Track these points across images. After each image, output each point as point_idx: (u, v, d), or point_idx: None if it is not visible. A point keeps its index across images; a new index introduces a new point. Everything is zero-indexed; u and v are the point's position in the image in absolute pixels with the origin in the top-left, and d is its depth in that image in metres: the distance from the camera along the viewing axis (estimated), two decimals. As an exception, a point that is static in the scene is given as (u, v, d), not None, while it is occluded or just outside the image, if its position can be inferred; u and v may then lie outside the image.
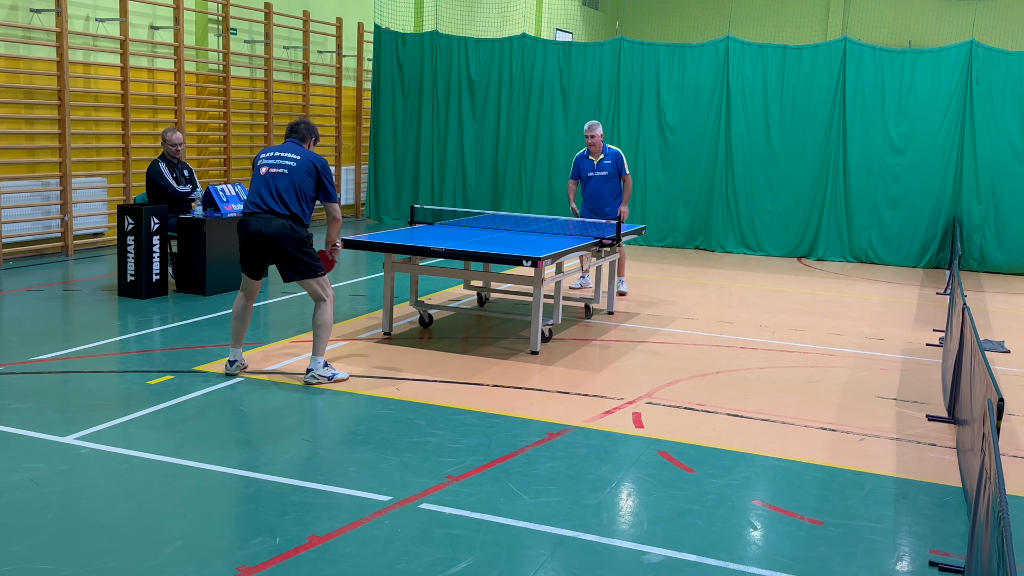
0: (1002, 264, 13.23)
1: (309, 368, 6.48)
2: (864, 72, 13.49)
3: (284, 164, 6.36)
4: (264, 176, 6.36)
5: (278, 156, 6.41)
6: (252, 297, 6.62)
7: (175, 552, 3.99)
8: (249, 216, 6.37)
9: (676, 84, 14.30)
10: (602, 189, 9.87)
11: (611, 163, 9.79)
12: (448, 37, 15.48)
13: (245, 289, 6.59)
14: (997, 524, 2.88)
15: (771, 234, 14.11)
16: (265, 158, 6.45)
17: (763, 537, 4.42)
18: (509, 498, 4.68)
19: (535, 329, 7.56)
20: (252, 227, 6.33)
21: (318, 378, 6.44)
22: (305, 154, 6.44)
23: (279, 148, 6.49)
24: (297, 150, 6.46)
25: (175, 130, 9.63)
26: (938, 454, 5.62)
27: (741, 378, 7.13)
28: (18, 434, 5.27)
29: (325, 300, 6.51)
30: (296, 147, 6.49)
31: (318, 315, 6.49)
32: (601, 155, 9.78)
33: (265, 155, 6.48)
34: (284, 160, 6.38)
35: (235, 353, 6.59)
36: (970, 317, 5.85)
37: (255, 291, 6.63)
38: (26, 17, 10.70)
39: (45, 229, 11.21)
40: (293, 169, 6.34)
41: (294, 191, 6.32)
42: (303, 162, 6.37)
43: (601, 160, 9.79)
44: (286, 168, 6.35)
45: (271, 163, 6.38)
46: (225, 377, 6.52)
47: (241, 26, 14.04)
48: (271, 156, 6.43)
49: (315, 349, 6.48)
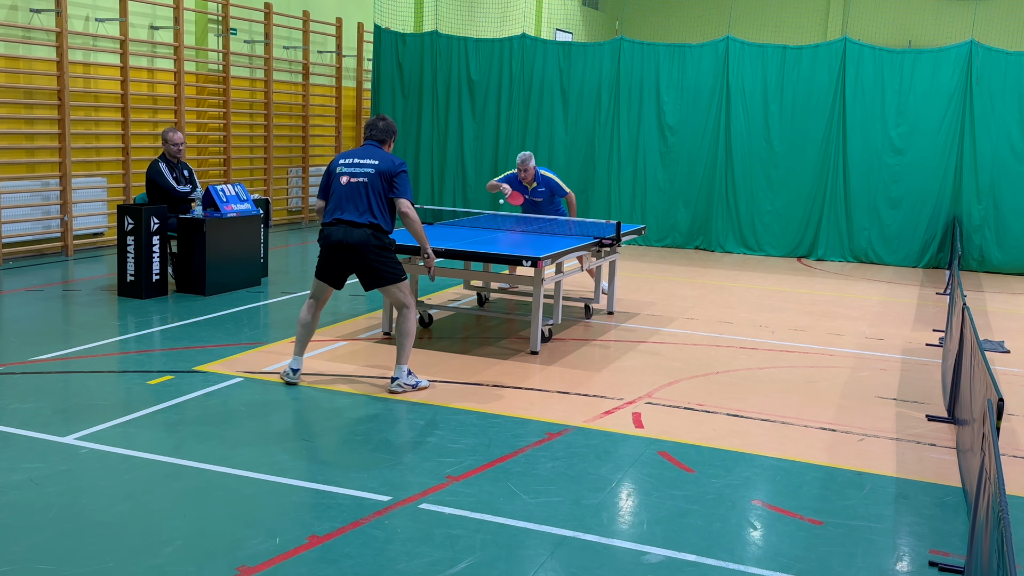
0: (1002, 264, 13.23)
1: (394, 377, 6.35)
2: (864, 72, 13.49)
3: (363, 172, 6.25)
4: (345, 186, 6.24)
5: (356, 163, 6.29)
6: (322, 305, 6.54)
7: (175, 552, 3.99)
8: (331, 227, 6.28)
9: (676, 84, 14.30)
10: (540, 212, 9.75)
11: (545, 190, 9.65)
12: (448, 37, 15.48)
13: (316, 296, 6.49)
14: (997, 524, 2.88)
15: (771, 234, 14.11)
16: (344, 165, 6.32)
17: (763, 537, 4.42)
18: (509, 498, 4.68)
19: (535, 329, 7.56)
20: (334, 238, 6.24)
21: (404, 387, 6.33)
22: (384, 157, 6.30)
23: (357, 153, 6.36)
24: (375, 153, 6.33)
25: (176, 130, 9.63)
26: (938, 454, 5.62)
27: (741, 378, 7.13)
28: (18, 434, 5.27)
29: (408, 307, 6.40)
30: (374, 150, 6.36)
31: (402, 323, 6.38)
32: (535, 183, 9.59)
33: (343, 161, 6.35)
34: (363, 167, 6.26)
35: (297, 361, 6.45)
36: (970, 317, 5.85)
37: (326, 299, 6.56)
38: (26, 17, 10.70)
39: (45, 229, 11.21)
40: (372, 176, 6.23)
41: (375, 199, 6.21)
42: (381, 167, 6.24)
43: (535, 188, 9.63)
44: (365, 176, 6.24)
45: (350, 171, 6.27)
46: (225, 377, 6.52)
47: (241, 26, 14.04)
48: (350, 163, 6.31)
49: (400, 358, 6.36)
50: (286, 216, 15.52)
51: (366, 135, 6.50)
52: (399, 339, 6.36)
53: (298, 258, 12.43)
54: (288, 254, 12.49)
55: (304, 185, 15.65)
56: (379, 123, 6.48)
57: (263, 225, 10.07)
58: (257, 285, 9.87)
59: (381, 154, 6.34)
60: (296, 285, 10.15)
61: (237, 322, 8.24)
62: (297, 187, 15.62)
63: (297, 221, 15.64)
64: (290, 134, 15.40)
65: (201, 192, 9.60)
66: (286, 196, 15.46)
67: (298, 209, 15.72)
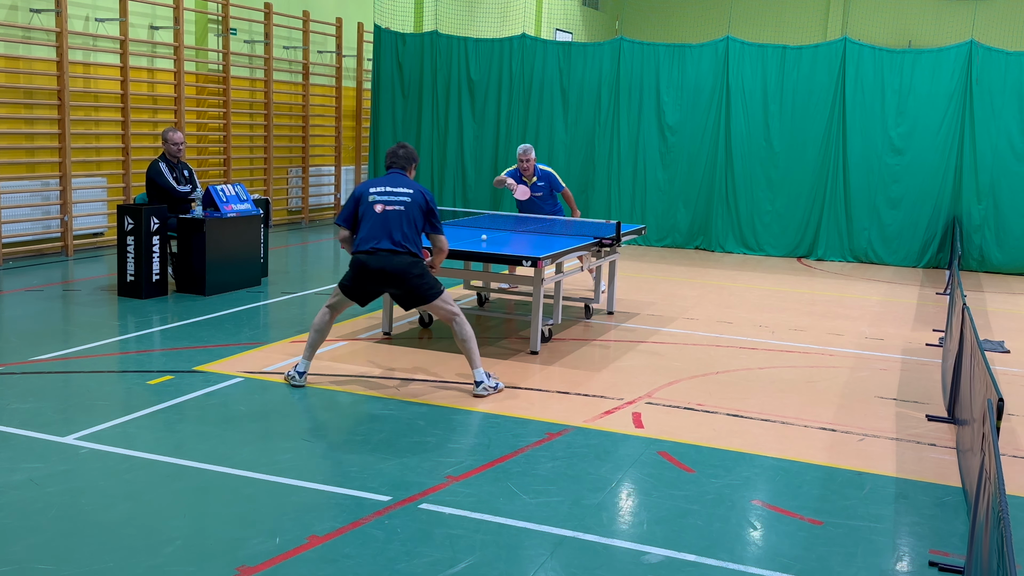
0: (1002, 264, 13.23)
1: (478, 381, 6.38)
2: (864, 72, 13.49)
3: (400, 200, 6.34)
4: (381, 215, 6.30)
5: (389, 191, 6.37)
6: (337, 315, 6.60)
7: (175, 552, 3.99)
8: (368, 255, 6.29)
9: (676, 84, 14.30)
10: (538, 209, 9.82)
11: (544, 184, 9.72)
12: (448, 37, 15.48)
13: (335, 307, 6.53)
14: (997, 524, 2.88)
15: (771, 234, 14.11)
16: (376, 193, 6.37)
17: (763, 537, 4.42)
18: (509, 498, 4.68)
19: (535, 329, 7.56)
20: (373, 265, 6.27)
21: (489, 390, 6.38)
22: (416, 188, 6.43)
23: (387, 182, 6.43)
24: (406, 182, 6.45)
25: (176, 130, 9.63)
26: (938, 454, 5.62)
27: (741, 378, 7.13)
28: (18, 434, 5.27)
29: (458, 315, 6.47)
30: (402, 178, 6.47)
31: (459, 331, 6.43)
32: (534, 177, 9.68)
33: (375, 189, 6.39)
34: (399, 196, 6.35)
35: (305, 364, 6.47)
36: (970, 317, 5.85)
37: (343, 310, 6.62)
38: (26, 17, 10.70)
39: (45, 229, 11.21)
40: (408, 205, 6.33)
41: (412, 228, 6.33)
42: (416, 196, 6.37)
43: (534, 182, 9.71)
44: (402, 205, 6.33)
45: (385, 199, 6.34)
46: (225, 377, 6.52)
47: (241, 26, 14.04)
48: (382, 192, 6.37)
49: (473, 363, 6.42)
50: (286, 216, 15.52)
51: (388, 163, 6.59)
52: (462, 346, 6.44)
53: (298, 258, 12.43)
54: (288, 254, 12.49)
55: (304, 185, 15.65)
56: (399, 151, 6.59)
57: (263, 225, 10.07)
58: (257, 285, 9.87)
59: (411, 183, 6.48)
60: (296, 285, 10.15)
61: (237, 322, 8.24)
62: (297, 187, 15.62)
63: (297, 221, 15.64)
64: (290, 134, 15.40)
65: (201, 192, 9.60)
66: (286, 196, 15.46)
67: (298, 209, 15.72)
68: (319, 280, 10.60)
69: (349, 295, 6.47)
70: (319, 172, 16.19)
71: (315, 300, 9.45)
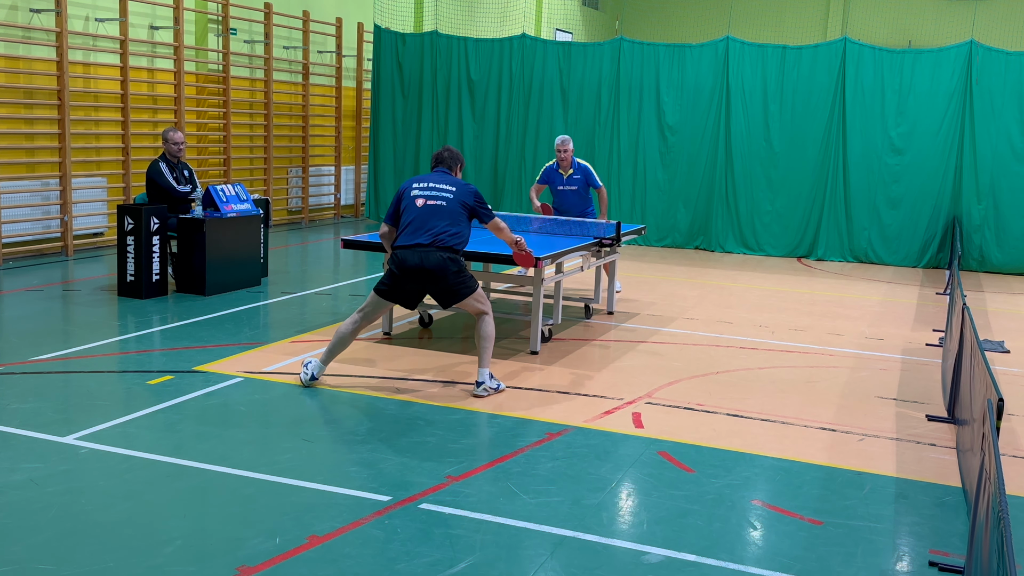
0: (1002, 264, 13.23)
1: (479, 381, 6.36)
2: (864, 72, 13.49)
3: (441, 196, 6.35)
4: (421, 209, 6.32)
5: (432, 187, 6.40)
6: (368, 323, 6.56)
7: (175, 552, 3.99)
8: (407, 250, 6.29)
9: (676, 84, 14.30)
10: (572, 203, 9.84)
11: (580, 177, 9.76)
12: (448, 37, 15.48)
13: (368, 314, 6.49)
14: (997, 524, 2.88)
15: (771, 234, 14.12)
16: (419, 188, 6.41)
17: (763, 537, 4.42)
18: (509, 498, 4.68)
19: (535, 329, 7.56)
20: (411, 262, 6.25)
21: (489, 390, 6.37)
22: (460, 185, 6.45)
23: (431, 178, 6.48)
24: (450, 180, 6.47)
25: (176, 129, 9.63)
26: (938, 454, 5.62)
27: (741, 378, 7.13)
28: (18, 434, 5.27)
29: (487, 313, 6.48)
30: (447, 176, 6.52)
31: (482, 328, 6.43)
32: (571, 170, 9.73)
33: (419, 185, 6.43)
34: (441, 192, 6.36)
35: (320, 368, 6.44)
36: (970, 317, 5.85)
37: (377, 318, 6.61)
38: (26, 17, 10.70)
39: (45, 229, 11.21)
40: (451, 200, 6.35)
41: (451, 221, 6.32)
42: (459, 193, 6.39)
43: (571, 175, 9.75)
44: (444, 200, 6.34)
45: (427, 194, 6.36)
46: (225, 377, 6.51)
47: (241, 26, 14.04)
48: (425, 187, 6.41)
49: (481, 361, 6.40)
50: (286, 216, 15.51)
51: (434, 164, 6.65)
52: (480, 343, 6.42)
53: (298, 258, 12.43)
54: (288, 254, 12.49)
55: (304, 185, 15.65)
56: (444, 153, 6.67)
57: (263, 225, 10.07)
58: (257, 285, 9.87)
59: (456, 180, 6.52)
60: (296, 285, 10.15)
61: (237, 322, 8.24)
62: (297, 187, 15.62)
63: (297, 221, 15.64)
64: (290, 134, 15.40)
65: (201, 192, 9.60)
66: (286, 196, 15.46)
67: (298, 209, 15.72)
68: (319, 280, 10.60)
69: (387, 297, 6.45)
70: (319, 172, 16.19)
71: (315, 300, 9.46)
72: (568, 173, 9.74)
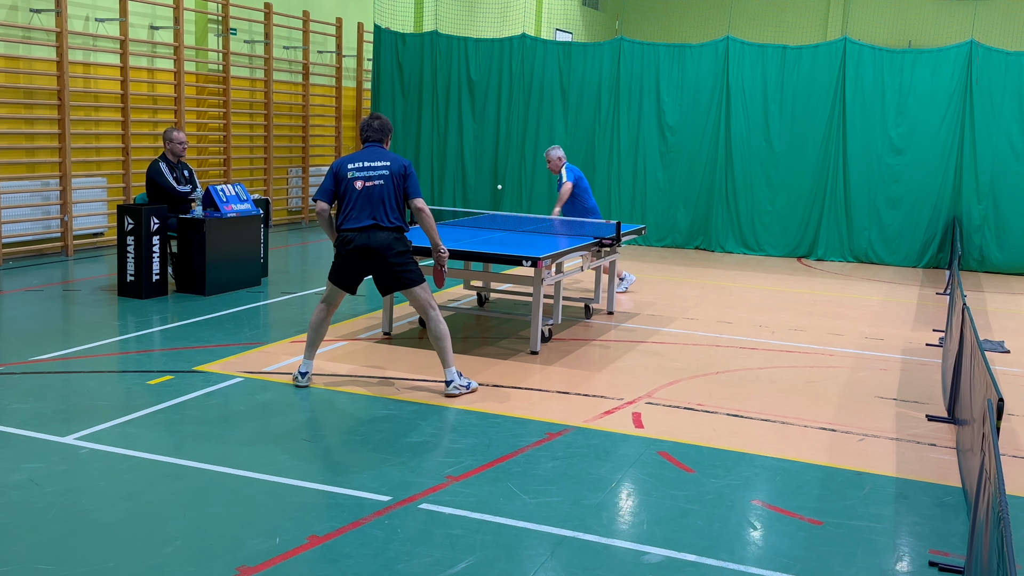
0: (1002, 264, 13.23)
1: (448, 380, 6.33)
2: (864, 72, 13.49)
3: (378, 175, 6.25)
4: (361, 191, 6.23)
5: (368, 167, 6.28)
6: (334, 310, 6.55)
7: (175, 552, 3.99)
8: (352, 232, 6.25)
9: (676, 84, 14.30)
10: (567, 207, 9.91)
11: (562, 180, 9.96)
12: (448, 37, 15.48)
13: (329, 301, 6.48)
14: (997, 524, 2.88)
15: (771, 234, 14.11)
16: (354, 169, 6.28)
17: (763, 537, 4.42)
18: (509, 498, 4.68)
19: (535, 329, 7.56)
20: (357, 242, 6.22)
21: (459, 388, 6.32)
22: (392, 158, 6.34)
23: (364, 156, 6.34)
24: (383, 155, 6.35)
25: (179, 129, 9.64)
26: (938, 454, 5.62)
27: (741, 378, 7.13)
28: (18, 434, 5.27)
29: (433, 308, 6.39)
30: (379, 151, 6.38)
31: (433, 328, 6.36)
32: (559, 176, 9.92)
33: (352, 166, 6.30)
34: (376, 170, 6.26)
35: (307, 364, 6.43)
36: (970, 317, 5.85)
37: (339, 304, 6.57)
38: (26, 17, 10.70)
39: (45, 229, 11.21)
40: (387, 178, 6.24)
41: (394, 201, 6.24)
42: (395, 167, 6.27)
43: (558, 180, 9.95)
44: (381, 179, 6.24)
45: (363, 176, 6.26)
46: (225, 377, 6.51)
47: (241, 26, 14.04)
48: (361, 167, 6.28)
49: (444, 361, 6.34)
50: (286, 216, 15.52)
51: (363, 136, 6.47)
52: (436, 344, 6.37)
53: (298, 258, 12.43)
54: (288, 254, 12.49)
55: (304, 185, 15.65)
56: (374, 123, 6.46)
57: (263, 225, 10.07)
58: (257, 285, 9.87)
59: (387, 154, 6.37)
60: (296, 285, 10.15)
61: (237, 322, 8.24)
62: (297, 187, 15.62)
63: (297, 221, 15.64)
64: (290, 134, 15.40)
65: (201, 192, 9.60)
66: (286, 196, 15.46)
67: (298, 209, 15.72)
68: (319, 280, 10.60)
69: (337, 282, 6.42)
70: (319, 172, 16.18)
71: (315, 300, 9.45)
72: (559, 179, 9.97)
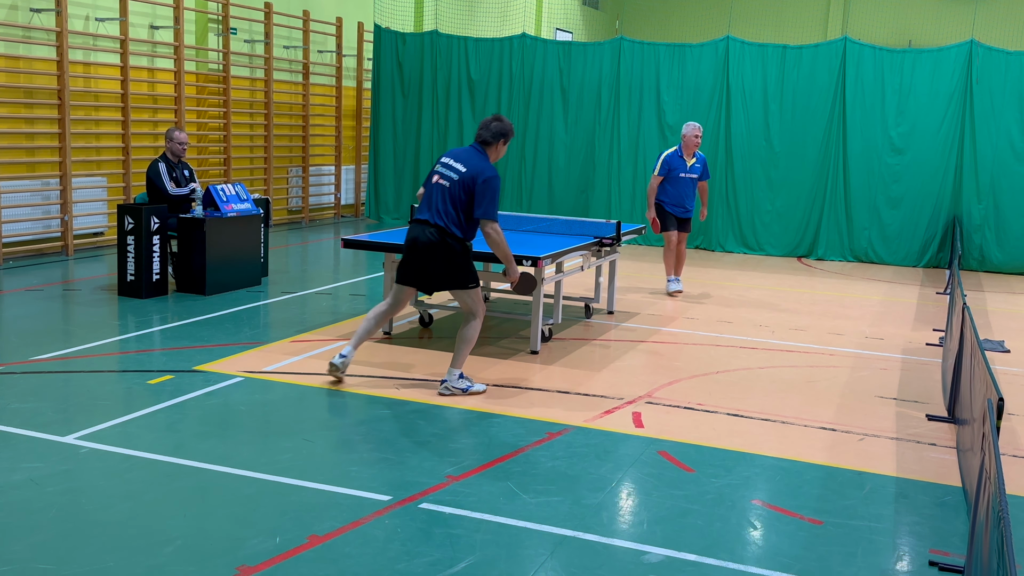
0: (1002, 264, 13.23)
1: (444, 379, 6.35)
2: (864, 72, 13.49)
3: (450, 176, 6.26)
4: (433, 185, 6.30)
5: (449, 164, 6.31)
6: (396, 309, 6.55)
7: (175, 552, 3.99)
8: (412, 223, 6.39)
9: (676, 84, 14.29)
10: (690, 190, 10.18)
11: (700, 166, 10.19)
12: (448, 37, 15.48)
13: (394, 298, 6.52)
14: (997, 524, 2.88)
15: (771, 234, 14.11)
16: (442, 164, 6.36)
17: (763, 537, 4.42)
18: (509, 498, 4.68)
19: (535, 329, 7.56)
20: (410, 235, 6.32)
21: (452, 389, 6.30)
22: (473, 166, 6.21)
23: (456, 154, 6.35)
24: (470, 159, 6.27)
25: (181, 129, 9.64)
26: (938, 454, 5.62)
27: (741, 378, 7.13)
28: (18, 434, 5.27)
29: (475, 316, 6.38)
30: (472, 153, 6.32)
31: (465, 329, 6.36)
32: (694, 159, 10.11)
33: (444, 159, 6.38)
34: (453, 171, 6.27)
35: (349, 352, 6.46)
36: (970, 317, 5.85)
37: (402, 303, 6.54)
38: (26, 17, 10.70)
39: (45, 229, 11.21)
40: (454, 182, 6.21)
41: (451, 204, 6.20)
42: (466, 175, 6.18)
43: (693, 164, 10.12)
44: (448, 180, 6.24)
45: (440, 171, 6.32)
46: (225, 377, 6.51)
47: (241, 26, 14.04)
48: (445, 163, 6.34)
49: (454, 361, 6.36)
50: (286, 216, 15.51)
51: (476, 135, 6.42)
52: (457, 343, 6.37)
53: (298, 258, 12.43)
54: (288, 254, 12.49)
55: (304, 185, 15.65)
56: (492, 124, 6.38)
57: (263, 225, 10.07)
58: (257, 285, 9.87)
59: (474, 160, 6.26)
60: (296, 285, 10.15)
61: (237, 322, 8.24)
62: (297, 187, 15.61)
63: (297, 221, 15.64)
64: (290, 134, 15.40)
65: (201, 192, 9.60)
66: (286, 196, 15.46)
67: (298, 209, 15.72)
68: (319, 280, 10.60)
69: (400, 279, 6.43)
70: (319, 172, 16.19)
71: (315, 300, 9.46)
72: (691, 162, 10.09)
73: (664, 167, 10.08)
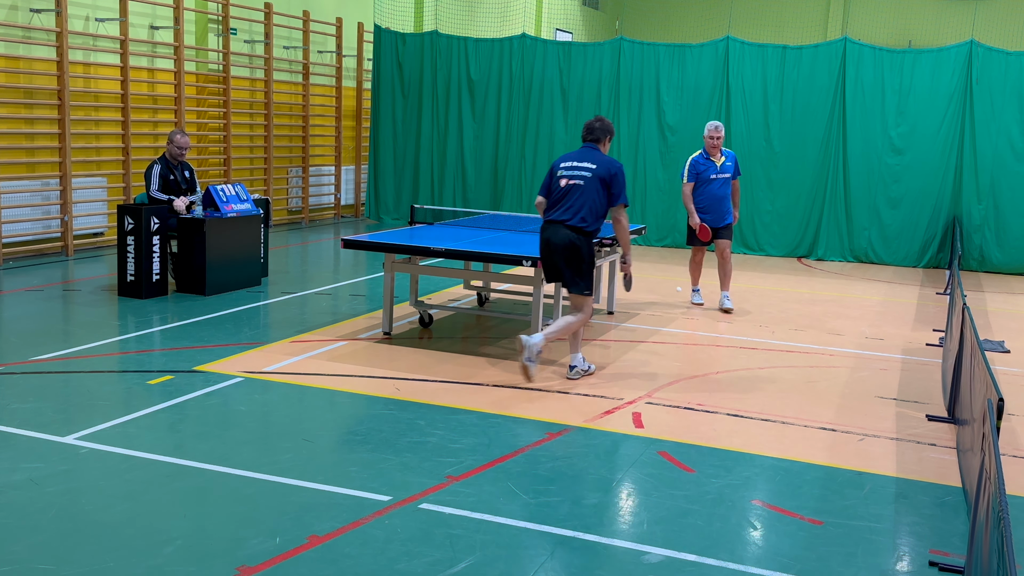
0: (1002, 264, 13.23)
1: (572, 365, 6.80)
2: (864, 72, 13.49)
3: (580, 175, 6.55)
4: (563, 188, 6.58)
5: (575, 166, 6.60)
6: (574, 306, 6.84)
7: (175, 552, 3.99)
8: (545, 224, 6.67)
9: (676, 84, 14.29)
10: (724, 192, 9.54)
11: (731, 164, 9.56)
12: (448, 37, 15.48)
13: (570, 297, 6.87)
14: (997, 524, 2.88)
15: (771, 234, 14.11)
16: (563, 168, 6.64)
17: (763, 537, 4.42)
18: (509, 498, 4.68)
19: (535, 329, 7.55)
20: (544, 235, 6.65)
21: (580, 373, 6.81)
22: (602, 161, 6.61)
23: (576, 156, 6.68)
24: (593, 156, 6.65)
25: (184, 133, 9.63)
26: (938, 454, 5.62)
27: (741, 378, 7.13)
28: (18, 434, 5.27)
29: (584, 316, 6.74)
30: (592, 153, 6.69)
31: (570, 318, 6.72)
32: (722, 157, 9.53)
33: (564, 164, 6.67)
34: (580, 170, 6.56)
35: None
36: (970, 317, 5.85)
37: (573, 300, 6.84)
38: (26, 17, 10.70)
39: (45, 229, 11.21)
40: (588, 180, 6.53)
41: (587, 204, 6.53)
42: (599, 170, 6.55)
43: (723, 163, 9.54)
44: (582, 179, 6.55)
45: (568, 174, 6.59)
46: (225, 377, 6.51)
47: (241, 26, 14.04)
48: (569, 167, 6.63)
49: (571, 348, 6.84)
50: (286, 216, 15.51)
51: (584, 136, 6.83)
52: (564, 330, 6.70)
53: (298, 258, 12.43)
54: (288, 254, 12.49)
55: (304, 185, 15.65)
56: (596, 124, 6.83)
57: (263, 225, 10.07)
58: (257, 285, 9.87)
59: (598, 157, 6.66)
60: (296, 285, 10.15)
61: (237, 322, 8.24)
62: (297, 187, 15.62)
63: (297, 221, 15.64)
64: (290, 134, 15.40)
65: (201, 192, 9.59)
66: (286, 196, 15.46)
67: (298, 209, 15.72)
68: (319, 280, 10.60)
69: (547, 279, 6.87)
70: (319, 172, 16.19)
71: (315, 300, 9.46)
72: (721, 161, 9.52)
73: (692, 173, 9.55)
